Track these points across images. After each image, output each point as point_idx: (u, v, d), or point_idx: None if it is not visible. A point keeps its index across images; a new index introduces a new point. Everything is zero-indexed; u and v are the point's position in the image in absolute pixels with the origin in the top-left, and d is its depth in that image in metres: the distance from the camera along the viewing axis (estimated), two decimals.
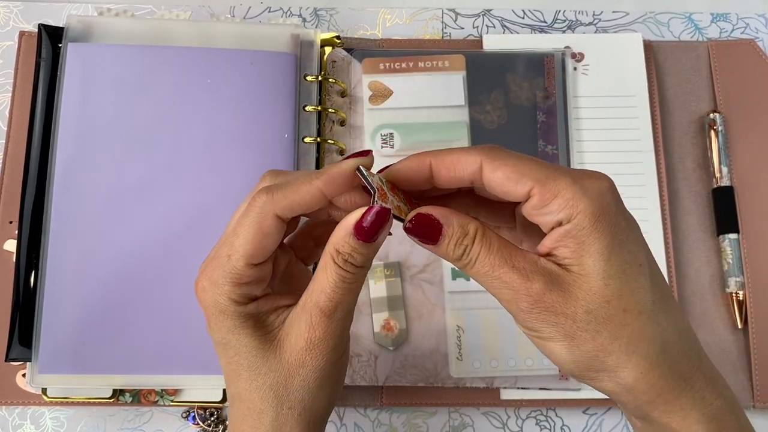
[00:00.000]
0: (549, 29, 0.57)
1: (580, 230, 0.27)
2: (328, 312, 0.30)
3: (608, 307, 0.27)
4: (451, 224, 0.29)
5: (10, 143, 0.51)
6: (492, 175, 0.28)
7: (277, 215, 0.30)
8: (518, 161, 0.28)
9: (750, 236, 0.51)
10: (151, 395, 0.47)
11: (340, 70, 0.53)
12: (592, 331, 0.27)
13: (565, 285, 0.27)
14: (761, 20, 0.57)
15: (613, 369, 0.28)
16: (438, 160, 0.29)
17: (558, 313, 0.27)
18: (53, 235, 0.46)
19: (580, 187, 0.27)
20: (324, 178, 0.29)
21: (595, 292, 0.27)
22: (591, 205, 0.27)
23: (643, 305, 0.27)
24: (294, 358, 0.31)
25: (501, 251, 0.28)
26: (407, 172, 0.30)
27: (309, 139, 0.49)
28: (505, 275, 0.28)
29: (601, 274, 0.27)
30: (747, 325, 0.50)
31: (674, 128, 0.54)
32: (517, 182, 0.28)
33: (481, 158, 0.28)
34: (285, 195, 0.30)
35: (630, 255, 0.28)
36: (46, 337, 0.44)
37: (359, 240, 0.29)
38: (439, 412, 0.49)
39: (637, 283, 0.27)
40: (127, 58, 0.48)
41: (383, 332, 0.48)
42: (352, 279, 0.30)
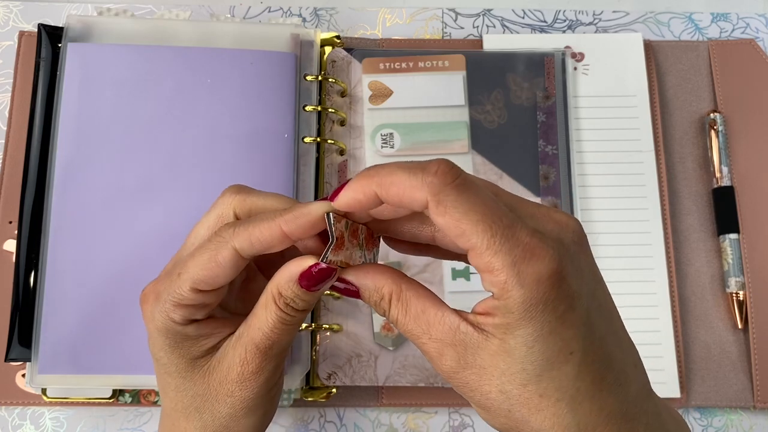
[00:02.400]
0: (549, 29, 0.57)
1: (508, 313, 0.25)
2: (263, 349, 0.30)
3: (523, 391, 0.26)
4: (366, 288, 0.28)
5: (10, 143, 0.51)
6: (435, 218, 0.26)
7: (235, 249, 0.29)
8: (464, 215, 0.25)
9: (750, 236, 0.51)
10: (151, 395, 0.47)
11: (340, 69, 0.53)
12: (506, 410, 0.26)
13: (482, 361, 0.26)
14: (761, 20, 0.57)
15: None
16: (383, 190, 0.26)
17: (473, 389, 0.27)
18: (53, 235, 0.46)
19: (517, 273, 0.25)
20: (287, 218, 0.28)
21: (512, 373, 0.26)
22: (522, 295, 0.25)
23: (562, 393, 0.26)
24: (224, 387, 0.31)
25: (417, 318, 0.27)
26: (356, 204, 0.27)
27: (309, 139, 0.49)
28: (421, 344, 0.27)
29: (522, 359, 0.25)
30: (747, 325, 0.50)
31: (674, 128, 0.54)
32: (456, 237, 0.25)
33: (427, 197, 0.25)
34: (246, 230, 0.28)
35: (560, 342, 0.25)
36: (45, 337, 0.44)
37: (302, 288, 0.28)
38: (439, 412, 0.49)
39: (561, 372, 0.26)
40: (127, 58, 0.48)
41: (383, 332, 0.48)
42: (291, 321, 0.29)
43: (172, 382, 0.32)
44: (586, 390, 0.26)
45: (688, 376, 0.49)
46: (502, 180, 0.51)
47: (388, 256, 0.49)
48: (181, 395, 0.32)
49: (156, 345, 0.31)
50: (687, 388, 0.49)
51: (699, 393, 0.49)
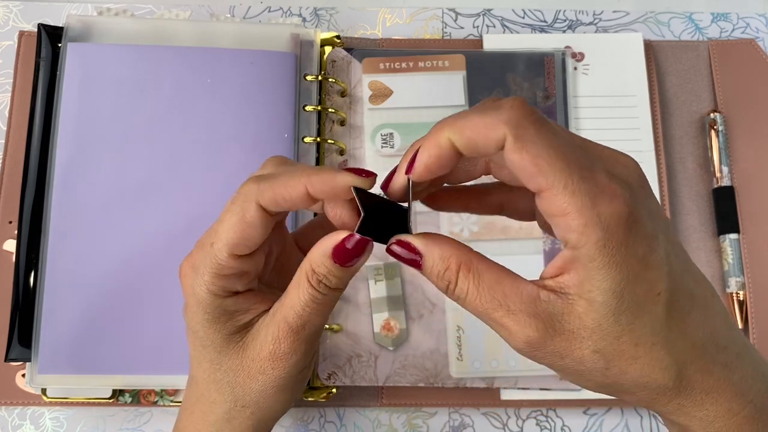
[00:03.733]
0: (549, 29, 0.57)
1: (590, 262, 0.24)
2: (295, 329, 0.30)
3: (618, 343, 0.25)
4: (431, 256, 0.26)
5: (10, 143, 0.51)
6: (510, 155, 0.24)
7: (260, 206, 0.29)
8: (542, 151, 0.24)
9: (750, 236, 0.51)
10: (151, 395, 0.47)
11: (340, 69, 0.53)
12: (601, 369, 0.25)
13: (570, 326, 0.25)
14: (761, 20, 0.57)
15: (630, 393, 0.26)
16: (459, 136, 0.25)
17: (563, 357, 0.25)
18: (53, 235, 0.46)
19: (596, 214, 0.24)
20: (313, 179, 0.28)
21: (604, 329, 0.25)
22: (603, 237, 0.24)
23: (656, 336, 0.25)
24: (256, 364, 0.31)
25: (492, 290, 0.25)
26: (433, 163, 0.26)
27: (309, 139, 0.49)
28: (499, 319, 0.25)
29: (613, 311, 0.24)
30: (747, 325, 0.50)
31: (674, 128, 0.54)
32: (531, 176, 0.24)
33: (506, 132, 0.24)
34: (270, 186, 0.28)
35: (647, 285, 0.25)
36: (45, 337, 0.44)
37: (336, 263, 0.28)
38: (439, 412, 0.49)
39: (651, 315, 0.25)
40: (127, 58, 0.48)
41: (383, 332, 0.48)
42: (323, 300, 0.29)
43: (207, 355, 0.32)
44: (678, 328, 0.25)
45: None
46: None
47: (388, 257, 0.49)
48: (214, 368, 0.32)
49: (194, 318, 0.31)
50: None
51: None
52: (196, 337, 0.32)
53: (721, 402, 0.26)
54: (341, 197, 0.28)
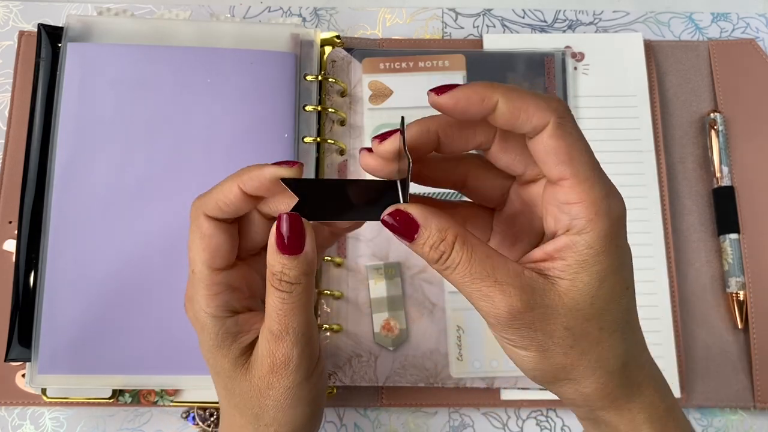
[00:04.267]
0: (549, 29, 0.57)
1: (588, 248, 0.26)
2: (279, 335, 0.30)
3: (587, 325, 0.27)
4: (429, 226, 0.27)
5: (10, 143, 0.51)
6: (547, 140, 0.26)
7: (208, 216, 0.30)
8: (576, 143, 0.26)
9: (750, 236, 0.51)
10: (151, 395, 0.47)
11: (340, 69, 0.53)
12: (566, 347, 0.27)
13: (548, 301, 0.27)
14: (761, 20, 0.57)
15: (576, 380, 0.28)
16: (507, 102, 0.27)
17: (536, 329, 0.27)
18: (53, 235, 0.45)
19: (608, 207, 0.26)
20: (243, 178, 0.30)
21: (579, 310, 0.27)
22: (608, 227, 0.26)
23: (617, 324, 0.28)
24: (263, 381, 0.31)
25: (483, 263, 0.27)
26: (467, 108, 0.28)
27: (309, 139, 0.49)
28: (486, 289, 0.27)
29: (592, 294, 0.27)
30: (747, 326, 0.50)
31: (675, 128, 0.54)
32: (560, 163, 0.26)
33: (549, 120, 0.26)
34: (210, 196, 0.30)
35: (622, 278, 0.28)
36: (45, 338, 0.44)
37: (283, 254, 0.28)
38: (439, 413, 0.49)
39: (619, 305, 0.28)
40: (127, 58, 0.48)
41: (383, 332, 0.48)
42: (291, 299, 0.29)
43: (221, 383, 0.33)
44: (633, 321, 0.29)
45: (689, 377, 0.49)
46: None
47: (388, 256, 0.49)
48: (230, 394, 0.32)
49: (204, 347, 0.32)
50: (687, 389, 0.49)
51: (699, 393, 0.49)
52: (210, 367, 0.33)
53: (647, 395, 0.29)
54: (273, 190, 0.30)
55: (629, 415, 0.29)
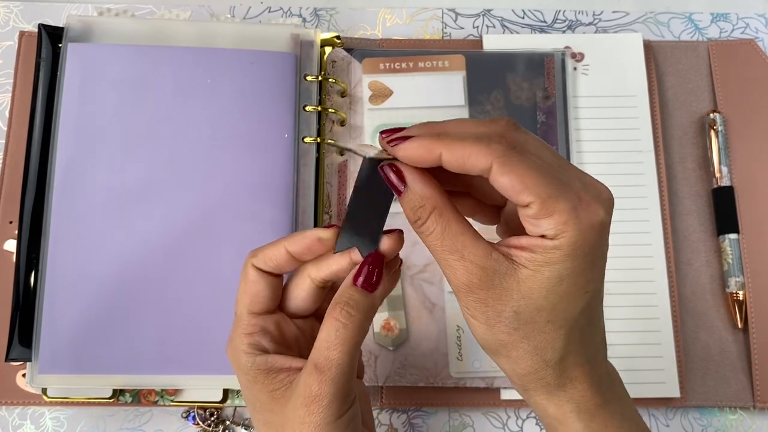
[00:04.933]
0: (549, 29, 0.57)
1: (555, 250, 0.29)
2: (321, 368, 0.31)
3: (536, 314, 0.29)
4: (414, 189, 0.30)
5: (10, 143, 0.51)
6: (497, 178, 0.29)
7: (255, 266, 0.34)
8: (528, 171, 0.28)
9: (750, 236, 0.51)
10: (151, 395, 0.47)
11: (340, 70, 0.53)
12: (511, 328, 0.30)
13: (505, 284, 0.29)
14: (761, 20, 0.57)
15: (514, 359, 0.31)
16: (449, 153, 0.29)
17: (488, 305, 0.30)
18: (53, 235, 0.46)
19: (575, 216, 0.28)
20: (289, 240, 0.33)
21: (533, 299, 0.29)
22: (576, 236, 0.28)
23: (565, 322, 0.30)
24: (296, 414, 0.31)
25: (455, 238, 0.30)
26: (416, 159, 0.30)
27: (309, 139, 0.49)
28: (453, 261, 0.30)
29: (548, 288, 0.29)
30: (747, 325, 0.50)
31: (674, 128, 0.54)
32: (519, 192, 0.28)
33: (492, 161, 0.28)
34: (260, 251, 0.34)
35: (583, 281, 0.29)
36: (46, 337, 0.44)
37: (355, 286, 0.32)
38: (439, 412, 0.49)
39: (573, 306, 0.30)
40: (127, 58, 0.48)
41: (383, 332, 0.48)
42: (344, 331, 0.31)
43: (260, 418, 0.34)
44: (582, 326, 0.31)
45: (688, 376, 0.49)
46: None
47: None
48: (268, 427, 0.33)
49: (242, 384, 0.34)
50: (686, 388, 0.49)
51: (699, 393, 0.49)
52: (249, 405, 0.34)
53: (579, 390, 0.31)
54: (315, 253, 0.34)
55: (557, 401, 0.32)
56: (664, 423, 0.49)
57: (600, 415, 0.32)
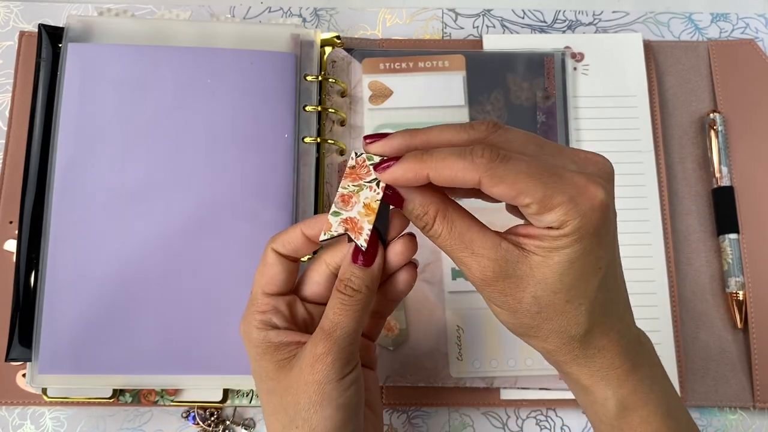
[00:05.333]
0: (549, 29, 0.57)
1: (562, 237, 0.30)
2: (327, 331, 0.33)
3: (554, 297, 0.31)
4: (413, 200, 0.32)
5: (10, 143, 0.51)
6: (490, 190, 0.29)
7: (274, 249, 0.35)
8: (516, 176, 0.29)
9: (750, 236, 0.51)
10: (151, 395, 0.47)
11: (340, 70, 0.53)
12: (533, 312, 0.31)
13: (520, 272, 0.31)
14: (761, 20, 0.57)
15: (542, 338, 0.32)
16: (436, 174, 0.30)
17: (507, 294, 0.31)
18: (53, 235, 0.46)
19: (575, 206, 0.29)
20: (306, 223, 0.35)
21: (548, 283, 0.30)
22: (580, 222, 0.29)
23: (584, 299, 0.31)
24: (302, 377, 0.33)
25: (462, 236, 0.31)
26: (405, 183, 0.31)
27: (309, 139, 0.49)
28: (465, 258, 0.31)
29: (561, 272, 0.30)
30: (747, 325, 0.50)
31: (674, 128, 0.54)
32: (514, 198, 0.29)
33: (479, 176, 0.29)
34: (278, 235, 0.36)
35: (594, 259, 0.30)
36: (46, 337, 0.44)
37: (355, 263, 0.33)
38: (439, 412, 0.49)
39: (588, 283, 0.31)
40: (127, 58, 0.48)
41: (383, 332, 0.48)
42: (349, 302, 0.33)
43: (264, 387, 0.35)
44: (602, 299, 0.31)
45: (688, 376, 0.49)
46: None
47: None
48: (271, 397, 0.35)
49: (251, 358, 0.35)
50: (686, 388, 0.49)
51: (698, 393, 0.49)
52: (255, 375, 0.36)
53: (608, 357, 0.32)
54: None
55: (587, 371, 0.33)
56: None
57: (629, 381, 0.33)
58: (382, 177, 0.32)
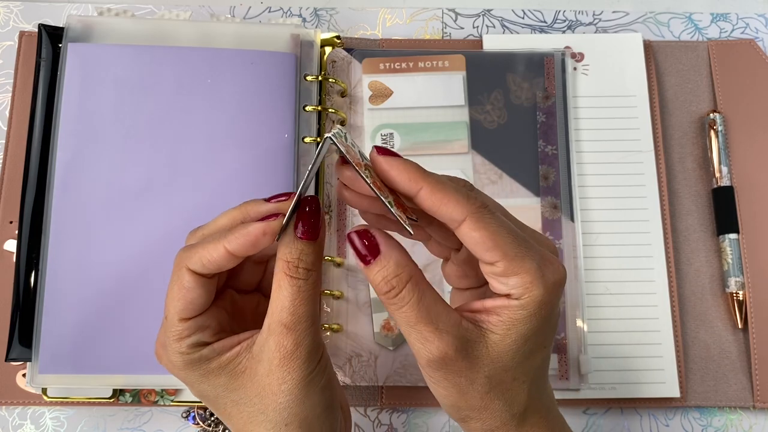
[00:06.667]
0: (549, 29, 0.57)
1: (521, 310, 0.29)
2: (291, 325, 0.30)
3: (504, 375, 0.31)
4: (389, 257, 0.30)
5: (10, 143, 0.51)
6: (469, 232, 0.29)
7: (191, 270, 0.31)
8: (498, 230, 0.29)
9: (750, 236, 0.51)
10: (151, 395, 0.47)
11: (340, 70, 0.53)
12: (483, 392, 0.31)
13: (477, 352, 0.30)
14: (761, 20, 0.57)
15: (485, 419, 0.31)
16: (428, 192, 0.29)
17: (461, 375, 0.30)
18: (53, 235, 0.46)
19: (541, 276, 0.29)
20: (229, 238, 0.30)
21: (502, 362, 0.30)
22: (542, 295, 0.29)
23: (527, 376, 0.31)
24: (273, 378, 0.31)
25: (429, 309, 0.30)
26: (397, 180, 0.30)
27: (309, 139, 0.49)
28: (427, 333, 0.29)
29: (515, 350, 0.30)
30: (747, 325, 0.50)
31: (674, 128, 0.54)
32: (488, 250, 0.29)
33: (467, 215, 0.29)
34: (195, 252, 0.31)
35: (542, 337, 0.31)
36: (46, 337, 0.44)
37: (303, 239, 0.30)
38: (439, 412, 0.49)
39: (533, 361, 0.31)
40: (127, 58, 0.48)
41: (383, 332, 0.48)
42: (306, 287, 0.30)
43: (228, 401, 0.32)
44: (538, 376, 0.32)
45: (688, 376, 0.49)
46: (502, 180, 0.51)
47: None
48: (241, 407, 0.32)
49: (194, 385, 0.32)
50: (686, 388, 0.49)
51: (698, 393, 0.49)
52: (207, 398, 0.33)
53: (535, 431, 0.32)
54: (260, 247, 0.30)
55: None
56: (664, 423, 0.49)
57: None
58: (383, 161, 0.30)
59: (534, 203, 0.50)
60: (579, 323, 0.48)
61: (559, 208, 0.50)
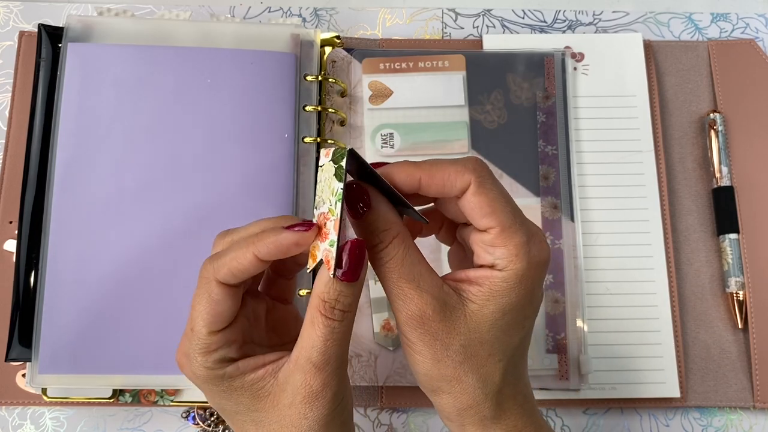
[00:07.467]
0: (549, 29, 0.57)
1: (502, 282, 0.30)
2: (321, 366, 0.30)
3: (480, 348, 0.31)
4: (378, 211, 0.30)
5: (10, 143, 0.51)
6: (470, 197, 0.30)
7: (221, 282, 0.31)
8: (497, 197, 0.30)
9: (750, 236, 0.51)
10: (151, 395, 0.47)
11: (340, 70, 0.53)
12: (457, 362, 0.31)
13: (454, 317, 0.30)
14: (761, 20, 0.57)
15: (456, 394, 0.31)
16: (428, 177, 0.30)
17: (437, 339, 0.30)
18: (53, 235, 0.46)
19: (528, 250, 0.30)
20: (258, 246, 0.30)
21: (477, 332, 0.30)
22: (525, 268, 0.30)
23: (503, 355, 0.31)
24: (294, 411, 0.31)
25: (412, 266, 0.30)
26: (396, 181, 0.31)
27: (309, 139, 0.49)
28: (408, 290, 0.30)
29: (492, 323, 0.30)
30: (747, 325, 0.50)
31: (674, 128, 0.54)
32: (484, 216, 0.30)
33: (472, 179, 0.30)
34: (224, 263, 0.30)
35: (521, 315, 0.31)
36: (46, 337, 0.44)
37: (343, 281, 0.29)
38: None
39: (511, 339, 0.31)
40: (127, 58, 0.48)
41: (383, 332, 0.48)
42: (340, 328, 0.30)
43: (248, 418, 0.32)
44: (518, 357, 0.32)
45: (688, 376, 0.49)
46: (501, 180, 0.50)
47: None
48: (259, 427, 0.32)
49: (215, 398, 0.32)
50: (687, 388, 0.49)
51: (699, 393, 0.49)
52: (226, 411, 0.33)
53: (512, 419, 0.32)
54: (290, 254, 0.30)
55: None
56: (664, 423, 0.49)
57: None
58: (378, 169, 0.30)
59: (534, 203, 0.50)
60: (579, 323, 0.48)
61: (559, 208, 0.50)
